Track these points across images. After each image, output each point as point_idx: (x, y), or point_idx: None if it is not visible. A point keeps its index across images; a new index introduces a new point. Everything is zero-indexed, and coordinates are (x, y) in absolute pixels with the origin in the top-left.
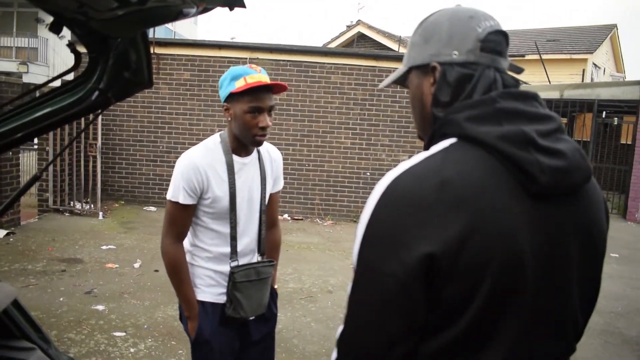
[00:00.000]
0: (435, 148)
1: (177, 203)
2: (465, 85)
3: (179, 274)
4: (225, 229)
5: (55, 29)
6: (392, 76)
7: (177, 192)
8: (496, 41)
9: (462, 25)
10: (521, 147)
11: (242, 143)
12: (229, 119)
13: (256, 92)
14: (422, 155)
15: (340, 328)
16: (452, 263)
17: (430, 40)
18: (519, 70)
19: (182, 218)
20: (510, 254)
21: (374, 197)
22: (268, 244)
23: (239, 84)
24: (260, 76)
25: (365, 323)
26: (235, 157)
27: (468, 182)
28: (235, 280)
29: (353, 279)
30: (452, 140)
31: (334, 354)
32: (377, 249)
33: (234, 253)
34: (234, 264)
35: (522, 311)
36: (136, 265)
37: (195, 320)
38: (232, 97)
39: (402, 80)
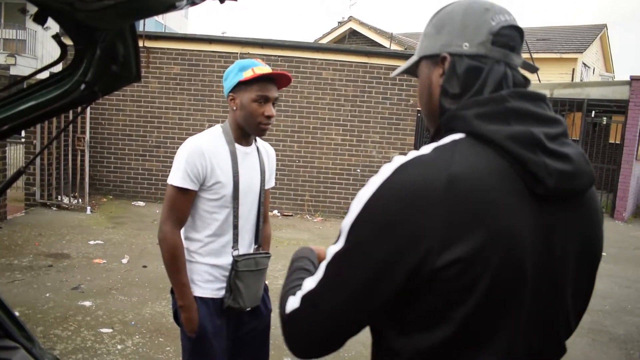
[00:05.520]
0: (444, 141)
1: (179, 188)
2: (474, 79)
3: (177, 261)
4: (227, 218)
5: (39, 19)
6: (404, 65)
7: (180, 176)
8: (510, 36)
9: (476, 17)
10: (529, 149)
11: (245, 133)
12: (235, 108)
13: (264, 81)
14: (431, 146)
15: (309, 283)
16: (453, 260)
17: (443, 30)
18: (534, 69)
19: (183, 203)
20: (513, 253)
21: (378, 178)
22: None
23: (247, 74)
24: (268, 69)
25: (338, 293)
26: (237, 146)
27: (476, 180)
28: (238, 269)
29: (338, 249)
30: (460, 135)
31: (295, 303)
32: (372, 231)
33: (235, 242)
34: (236, 252)
35: (519, 311)
36: (124, 260)
37: (190, 311)
38: (240, 86)
39: (412, 70)
